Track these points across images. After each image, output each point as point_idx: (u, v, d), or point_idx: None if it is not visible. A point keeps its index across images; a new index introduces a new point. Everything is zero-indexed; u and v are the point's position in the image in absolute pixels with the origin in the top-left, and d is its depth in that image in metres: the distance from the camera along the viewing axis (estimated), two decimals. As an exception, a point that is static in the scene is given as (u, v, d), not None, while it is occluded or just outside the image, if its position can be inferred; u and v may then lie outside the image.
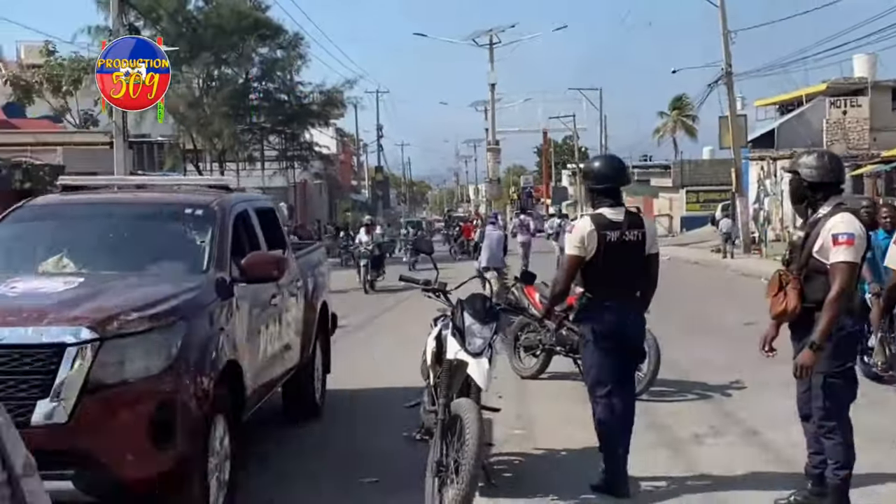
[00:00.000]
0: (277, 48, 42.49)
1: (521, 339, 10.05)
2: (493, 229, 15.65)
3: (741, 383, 9.27)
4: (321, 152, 48.61)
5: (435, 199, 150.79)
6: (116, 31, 23.65)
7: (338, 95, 44.25)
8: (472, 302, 5.81)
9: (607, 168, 6.27)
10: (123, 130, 23.83)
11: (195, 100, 40.29)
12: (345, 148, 72.78)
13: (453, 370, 5.72)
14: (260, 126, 43.38)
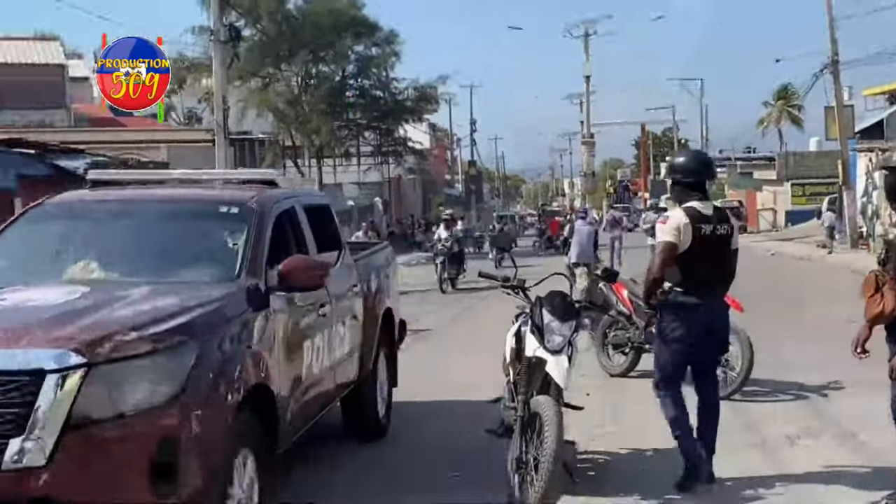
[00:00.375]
0: (373, 45, 42.90)
1: (609, 336, 9.95)
2: (582, 224, 15.54)
3: (839, 384, 8.97)
4: (415, 147, 48.90)
5: (529, 192, 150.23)
6: (217, 30, 24.22)
7: (431, 91, 44.49)
8: (552, 299, 5.80)
9: (694, 162, 6.28)
10: (224, 128, 24.42)
11: (294, 97, 41.03)
12: (438, 143, 73.09)
13: (532, 367, 5.71)
14: (356, 122, 43.90)
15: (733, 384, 8.53)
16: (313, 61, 41.52)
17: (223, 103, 24.29)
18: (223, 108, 24.17)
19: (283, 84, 40.46)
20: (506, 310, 6.98)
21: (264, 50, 39.75)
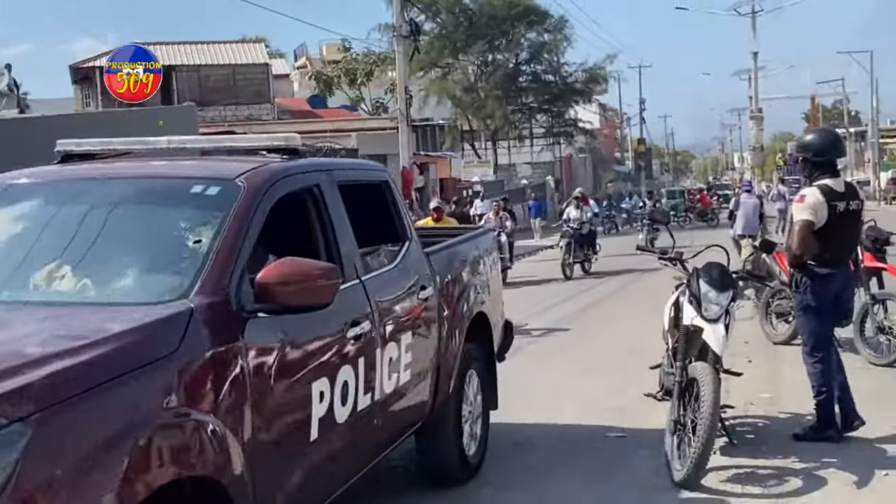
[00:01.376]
0: (544, 32, 42.77)
1: (772, 305, 9.75)
2: (747, 197, 15.02)
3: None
4: (585, 127, 48.54)
5: (699, 167, 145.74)
6: (399, 26, 24.81)
7: (600, 72, 44.08)
8: (709, 270, 5.74)
9: (825, 141, 6.19)
10: (407, 116, 25.05)
11: (470, 85, 41.52)
12: (608, 122, 72.04)
13: (690, 335, 5.67)
14: (528, 106, 44.01)
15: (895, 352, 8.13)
16: (489, 50, 41.87)
17: (406, 93, 24.91)
18: (406, 98, 24.79)
19: (461, 72, 41.00)
20: (644, 301, 6.87)
21: (443, 42, 40.39)
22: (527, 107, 44.39)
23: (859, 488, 5.15)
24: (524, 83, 43.54)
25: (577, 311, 13.72)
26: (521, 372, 9.09)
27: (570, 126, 46.63)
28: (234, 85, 34.37)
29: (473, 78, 42.14)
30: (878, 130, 58.86)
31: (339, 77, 42.70)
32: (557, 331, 11.85)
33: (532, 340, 11.03)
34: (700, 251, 6.32)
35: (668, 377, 6.01)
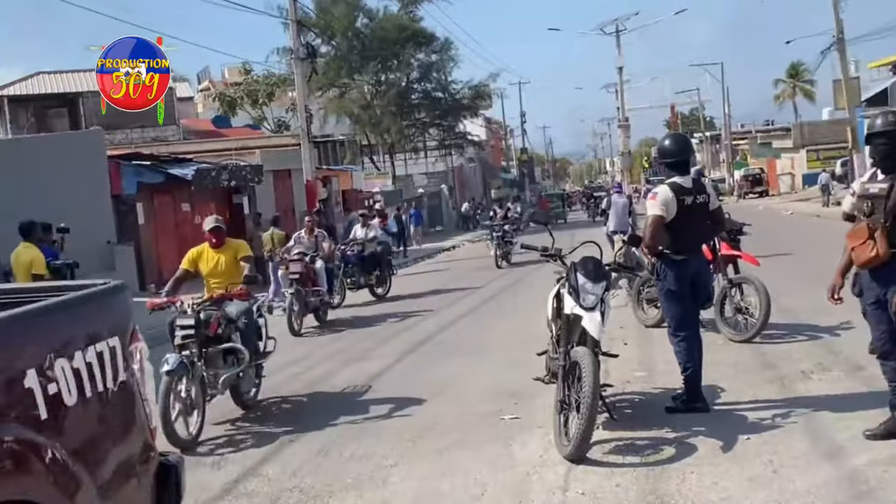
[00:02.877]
0: (432, 53, 42.93)
1: (643, 292, 9.96)
2: (618, 197, 15.38)
3: (850, 324, 8.66)
4: (473, 139, 48.92)
5: (576, 172, 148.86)
6: (297, 49, 24.50)
7: (484, 89, 44.53)
8: (585, 263, 5.83)
9: (675, 145, 6.48)
10: (308, 133, 24.77)
11: (367, 103, 41.31)
12: (494, 134, 72.85)
13: (570, 323, 5.76)
14: (421, 121, 44.10)
15: (753, 329, 8.42)
16: (382, 70, 41.77)
17: (306, 111, 24.63)
18: (306, 116, 24.51)
19: (357, 91, 40.76)
20: (530, 295, 7.06)
21: (339, 63, 40.09)
22: (420, 122, 44.48)
23: (725, 452, 5.29)
24: (416, 100, 43.62)
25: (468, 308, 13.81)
26: (426, 364, 9.15)
27: (460, 138, 47.01)
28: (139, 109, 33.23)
29: (369, 96, 41.97)
30: (730, 134, 61.31)
31: (242, 98, 41.97)
32: (454, 325, 11.92)
33: (431, 336, 11.08)
34: (576, 247, 6.42)
35: (553, 362, 6.08)
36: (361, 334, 11.94)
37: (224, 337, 7.14)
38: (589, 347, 5.59)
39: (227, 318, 7.18)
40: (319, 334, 12.25)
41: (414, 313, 13.35)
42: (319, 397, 8.02)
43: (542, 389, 6.51)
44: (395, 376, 8.66)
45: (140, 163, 19.20)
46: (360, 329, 12.41)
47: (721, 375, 7.03)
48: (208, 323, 6.96)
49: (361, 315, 13.82)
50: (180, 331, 6.75)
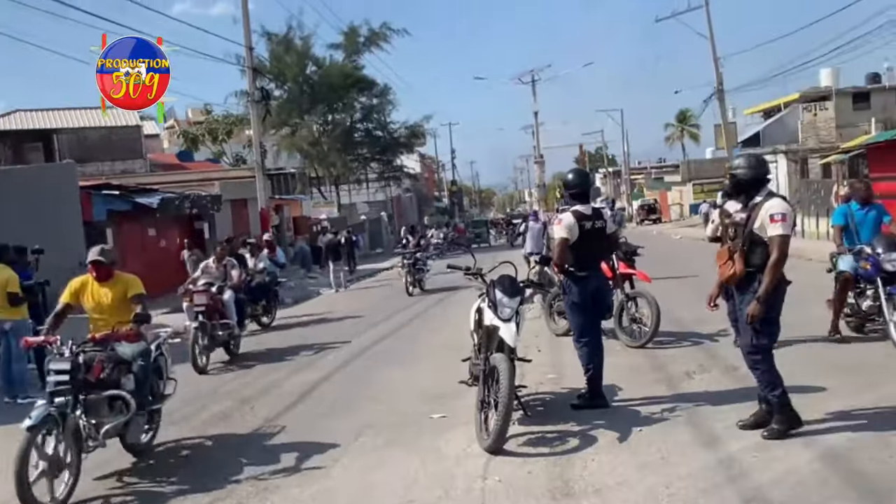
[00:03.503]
0: (373, 97, 42.93)
1: (553, 306, 10.03)
2: (533, 223, 15.54)
3: (726, 331, 8.92)
4: (409, 173, 49.01)
5: (500, 201, 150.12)
6: (252, 93, 24.20)
7: (419, 129, 44.61)
8: (502, 281, 5.89)
9: (576, 178, 6.64)
10: (262, 166, 24.42)
11: (315, 140, 41.00)
12: (427, 168, 73.12)
13: (490, 333, 5.80)
14: (363, 156, 43.94)
15: (645, 336, 8.61)
16: (329, 111, 41.58)
17: (260, 147, 24.32)
18: (260, 151, 24.20)
19: (307, 130, 40.44)
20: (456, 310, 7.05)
21: (291, 105, 39.76)
22: (362, 157, 44.33)
23: (621, 443, 5.40)
24: (359, 138, 43.50)
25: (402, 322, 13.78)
26: (363, 372, 9.08)
27: (398, 172, 47.05)
28: (110, 144, 32.40)
29: (317, 134, 41.67)
30: (628, 169, 62.87)
31: (204, 135, 41.31)
32: (388, 338, 11.88)
33: (367, 346, 11.01)
34: (495, 267, 6.50)
35: (475, 367, 6.12)
36: (270, 368, 9.83)
37: (109, 382, 5.58)
38: (506, 354, 5.64)
39: (119, 359, 5.72)
40: (228, 370, 10.02)
41: (325, 345, 11.23)
42: (224, 440, 6.48)
43: (467, 391, 6.54)
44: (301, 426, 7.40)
45: (109, 192, 18.73)
46: (270, 363, 10.19)
47: (619, 376, 7.17)
48: (90, 366, 5.49)
49: (279, 346, 11.54)
50: (53, 376, 5.28)
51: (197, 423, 7.07)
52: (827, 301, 8.34)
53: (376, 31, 40.99)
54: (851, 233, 8.14)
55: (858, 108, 37.03)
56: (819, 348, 7.82)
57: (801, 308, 9.43)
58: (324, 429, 6.51)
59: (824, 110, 37.26)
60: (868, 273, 7.66)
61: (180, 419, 7.18)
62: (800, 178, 31.92)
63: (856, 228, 8.12)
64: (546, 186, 51.43)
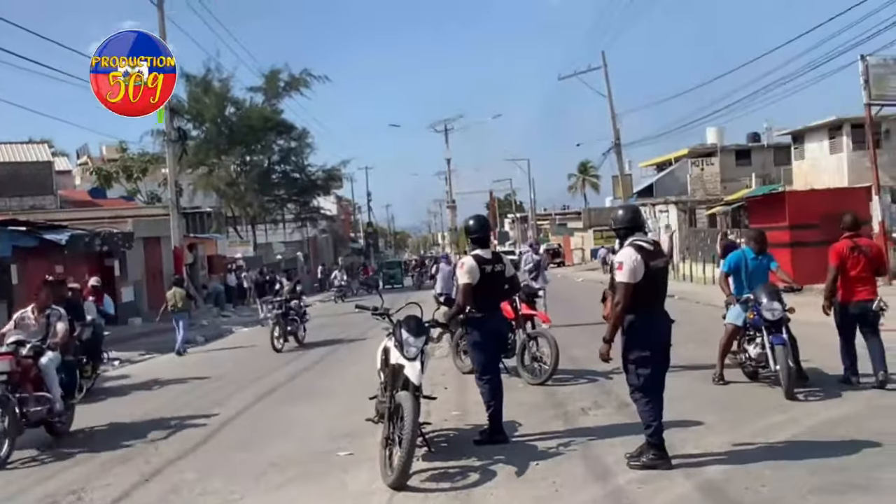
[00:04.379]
0: (292, 140, 42.70)
1: (460, 344, 10.03)
2: (444, 265, 15.65)
3: (620, 369, 9.23)
4: (326, 214, 48.73)
5: (414, 243, 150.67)
6: (169, 132, 23.65)
7: (336, 172, 44.54)
8: (408, 321, 5.92)
9: (477, 224, 6.72)
10: (177, 205, 23.78)
11: (232, 180, 40.35)
12: (344, 209, 72.82)
13: (395, 371, 5.80)
14: (281, 197, 43.48)
15: (545, 374, 8.77)
16: (247, 152, 41.09)
17: (176, 186, 23.71)
18: (176, 190, 23.59)
19: (224, 170, 39.74)
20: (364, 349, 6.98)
21: (209, 145, 39.08)
22: (279, 198, 43.84)
23: (518, 476, 5.46)
24: (277, 179, 43.04)
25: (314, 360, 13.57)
26: (272, 410, 8.87)
27: (315, 213, 46.73)
28: (19, 179, 30.85)
29: (235, 174, 41.01)
30: (535, 216, 64.44)
31: (118, 172, 39.92)
32: (297, 377, 11.65)
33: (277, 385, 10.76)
34: (402, 307, 6.52)
35: (381, 405, 6.08)
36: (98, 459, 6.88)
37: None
38: (411, 392, 5.65)
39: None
40: (44, 461, 6.92)
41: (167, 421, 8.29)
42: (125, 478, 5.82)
43: (373, 428, 6.48)
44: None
45: (16, 228, 17.76)
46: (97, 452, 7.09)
47: (519, 413, 7.26)
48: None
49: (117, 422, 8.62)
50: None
51: (94, 465, 6.71)
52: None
53: (297, 77, 40.94)
54: (742, 281, 8.07)
55: (741, 164, 39.33)
56: (703, 386, 8.14)
57: (690, 348, 9.90)
58: (228, 467, 6.30)
59: (710, 165, 39.39)
60: (753, 322, 7.70)
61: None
62: (688, 227, 33.50)
63: (748, 276, 8.04)
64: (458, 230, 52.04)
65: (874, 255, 7.68)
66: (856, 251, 7.60)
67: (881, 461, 5.22)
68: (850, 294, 7.59)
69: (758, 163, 38.70)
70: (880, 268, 7.78)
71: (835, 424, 6.29)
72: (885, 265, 8.09)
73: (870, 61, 19.99)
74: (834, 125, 29.10)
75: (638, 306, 5.23)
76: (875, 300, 7.51)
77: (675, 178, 41.69)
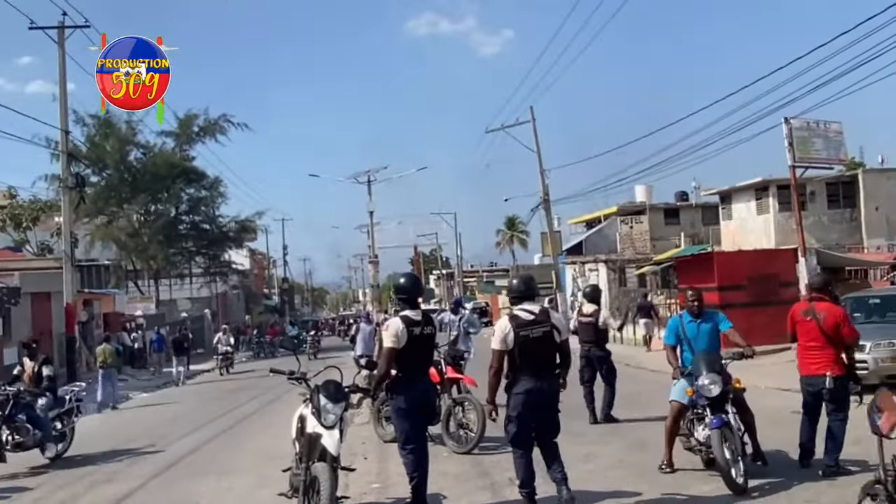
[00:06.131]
0: (202, 189, 41.98)
1: (382, 410, 9.96)
2: (365, 325, 15.58)
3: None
4: (238, 268, 47.88)
5: (333, 300, 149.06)
6: (65, 178, 23.03)
7: (250, 224, 43.93)
8: (327, 386, 5.86)
9: (408, 283, 6.73)
10: (71, 257, 23.02)
11: (135, 231, 39.23)
12: (258, 264, 71.72)
13: (312, 441, 5.72)
14: (188, 250, 42.49)
15: (472, 442, 8.77)
16: (152, 201, 40.08)
17: (71, 237, 22.95)
18: (70, 241, 22.83)
19: (126, 220, 38.62)
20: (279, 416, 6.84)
21: (109, 192, 38.03)
22: (187, 250, 42.76)
23: (443, 553, 5.43)
24: (184, 230, 42.05)
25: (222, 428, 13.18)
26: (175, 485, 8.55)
27: (225, 267, 45.79)
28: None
29: (138, 225, 39.84)
30: (461, 272, 65.05)
31: (5, 221, 38.24)
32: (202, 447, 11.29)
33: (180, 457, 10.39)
34: (320, 371, 6.46)
35: (296, 477, 5.97)
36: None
37: None
38: (328, 463, 5.57)
39: None
40: None
41: None
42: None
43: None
44: None
45: None
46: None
47: (445, 483, 7.23)
48: None
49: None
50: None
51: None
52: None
53: (213, 122, 40.45)
54: (686, 350, 7.26)
55: (670, 223, 40.93)
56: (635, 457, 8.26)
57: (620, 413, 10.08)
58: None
59: (639, 223, 40.86)
60: (694, 400, 6.85)
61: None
62: (618, 287, 34.47)
63: (689, 344, 7.23)
64: (380, 287, 51.94)
65: (826, 323, 6.79)
66: (809, 315, 6.92)
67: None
68: (802, 366, 6.99)
69: (686, 222, 40.31)
70: (836, 337, 6.79)
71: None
72: (845, 335, 6.82)
73: (793, 124, 21.42)
74: (760, 186, 30.77)
75: (516, 371, 6.04)
76: (825, 375, 6.68)
77: (604, 235, 42.99)
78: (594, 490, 6.69)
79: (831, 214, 29.85)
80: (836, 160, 24.92)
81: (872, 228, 28.98)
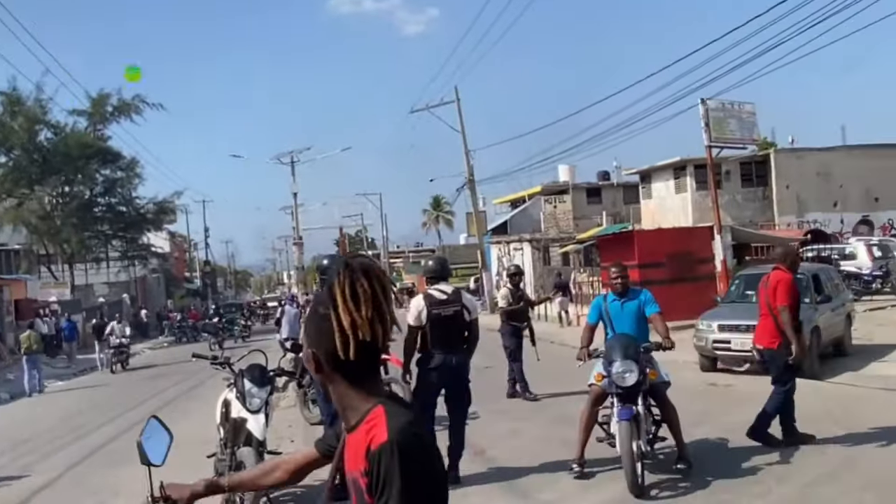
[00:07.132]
0: (118, 170, 40.53)
1: (308, 393, 9.92)
2: (290, 307, 15.42)
3: (476, 414, 9.43)
4: (157, 252, 46.46)
5: (257, 283, 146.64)
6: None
7: (169, 205, 42.70)
8: (252, 370, 5.81)
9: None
10: (-23, 241, 21.90)
11: (46, 213, 37.58)
12: (178, 246, 69.80)
13: (237, 426, 5.66)
14: (104, 233, 41.02)
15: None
16: (65, 183, 38.47)
17: (-24, 221, 21.84)
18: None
19: (37, 202, 36.91)
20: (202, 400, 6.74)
21: (17, 174, 36.30)
22: (103, 233, 41.25)
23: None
24: (99, 213, 40.54)
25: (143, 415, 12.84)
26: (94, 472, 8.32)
27: (144, 250, 44.35)
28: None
29: (49, 207, 38.15)
30: (388, 253, 64.93)
31: None
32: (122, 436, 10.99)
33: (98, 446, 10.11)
34: (245, 355, 6.38)
35: (221, 463, 5.89)
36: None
37: None
38: (254, 447, 5.52)
39: None
40: None
41: None
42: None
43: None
44: None
45: None
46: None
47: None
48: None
49: None
50: None
51: None
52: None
53: (127, 102, 38.95)
54: (610, 331, 6.65)
55: (592, 202, 41.75)
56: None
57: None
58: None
59: (563, 203, 41.58)
60: (605, 386, 6.17)
61: None
62: (543, 265, 35.04)
63: (611, 324, 6.61)
64: (305, 269, 51.34)
65: (769, 292, 6.84)
66: (765, 286, 6.98)
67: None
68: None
69: (608, 201, 41.21)
70: (773, 304, 6.75)
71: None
72: (781, 299, 6.67)
73: (709, 105, 22.10)
74: (678, 165, 31.68)
75: (429, 345, 6.37)
76: (761, 346, 6.86)
77: (528, 215, 43.57)
78: (524, 466, 6.81)
79: (745, 193, 31.01)
80: (749, 140, 25.89)
81: (784, 206, 30.26)
